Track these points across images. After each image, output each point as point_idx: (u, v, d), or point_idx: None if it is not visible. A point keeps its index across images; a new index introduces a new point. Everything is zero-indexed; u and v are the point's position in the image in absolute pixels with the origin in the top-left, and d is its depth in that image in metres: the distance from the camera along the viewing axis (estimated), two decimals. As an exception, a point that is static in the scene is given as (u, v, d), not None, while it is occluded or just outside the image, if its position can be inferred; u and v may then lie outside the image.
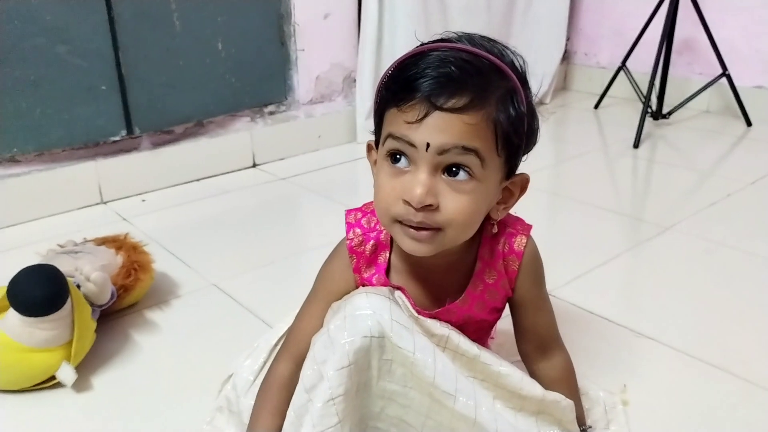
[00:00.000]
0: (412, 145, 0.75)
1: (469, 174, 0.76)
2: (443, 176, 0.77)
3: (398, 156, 0.78)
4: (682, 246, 1.64)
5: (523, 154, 0.83)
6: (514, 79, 0.78)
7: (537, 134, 0.84)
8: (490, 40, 0.81)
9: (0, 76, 1.70)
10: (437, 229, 0.78)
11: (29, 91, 1.75)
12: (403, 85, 0.76)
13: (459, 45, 0.78)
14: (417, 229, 0.78)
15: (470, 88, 0.74)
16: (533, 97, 0.82)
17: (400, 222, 0.79)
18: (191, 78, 2.05)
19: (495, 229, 0.88)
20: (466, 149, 0.74)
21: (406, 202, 0.76)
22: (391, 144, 0.78)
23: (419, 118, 0.74)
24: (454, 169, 0.76)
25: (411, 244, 0.79)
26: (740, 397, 1.10)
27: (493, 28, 2.68)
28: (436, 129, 0.74)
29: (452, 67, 0.74)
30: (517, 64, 0.81)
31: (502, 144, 0.77)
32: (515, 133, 0.78)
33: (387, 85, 0.79)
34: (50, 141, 1.83)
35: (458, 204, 0.77)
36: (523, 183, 0.85)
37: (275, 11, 2.21)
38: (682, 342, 1.24)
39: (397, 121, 0.76)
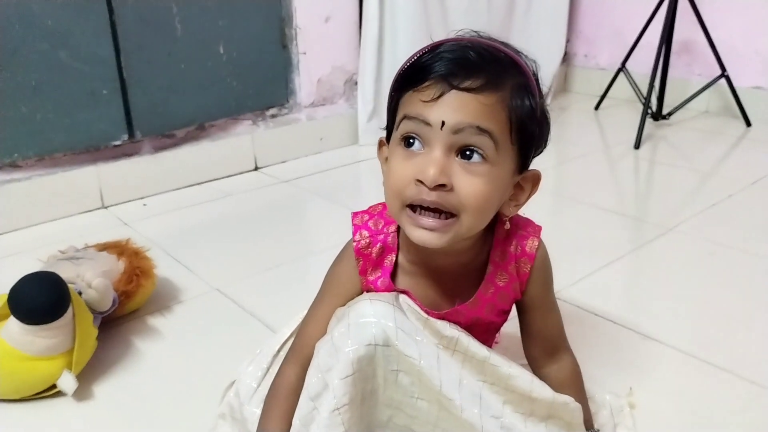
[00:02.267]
0: (428, 123, 0.75)
1: (483, 157, 0.76)
2: (457, 158, 0.76)
3: (411, 140, 0.78)
4: (685, 247, 1.64)
5: (534, 155, 0.83)
6: (530, 76, 0.79)
7: (547, 137, 0.84)
8: (503, 42, 0.82)
9: (1, 81, 1.69)
10: (453, 217, 0.77)
11: (30, 96, 1.75)
12: (420, 69, 0.77)
13: (475, 38, 0.79)
14: (431, 212, 0.77)
15: (486, 70, 0.75)
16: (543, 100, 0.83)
17: (411, 209, 0.78)
18: (193, 82, 2.05)
19: (507, 226, 0.87)
20: (481, 129, 0.74)
21: (419, 182, 0.76)
22: (405, 126, 0.78)
23: (435, 96, 0.75)
24: (467, 152, 0.76)
25: (420, 233, 0.78)
26: (747, 399, 1.09)
27: (493, 29, 2.60)
28: (452, 108, 0.74)
29: (470, 52, 0.76)
30: (530, 67, 0.82)
31: (516, 131, 0.77)
32: (529, 123, 0.78)
33: (404, 73, 0.80)
34: (51, 145, 1.82)
35: (473, 186, 0.76)
36: (535, 179, 0.85)
37: (276, 14, 2.21)
38: (688, 344, 1.23)
39: (413, 102, 0.77)
